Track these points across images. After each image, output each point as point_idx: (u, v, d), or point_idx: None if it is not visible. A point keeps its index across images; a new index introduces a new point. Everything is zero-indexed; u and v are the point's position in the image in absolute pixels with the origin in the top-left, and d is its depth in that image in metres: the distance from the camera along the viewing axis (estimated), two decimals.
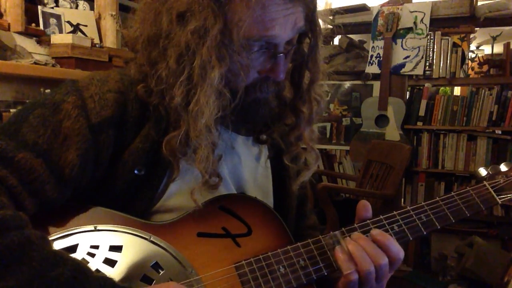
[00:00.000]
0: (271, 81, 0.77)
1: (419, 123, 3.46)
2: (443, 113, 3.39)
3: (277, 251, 0.74)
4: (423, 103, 3.43)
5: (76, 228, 0.69)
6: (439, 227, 0.80)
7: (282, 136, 0.88)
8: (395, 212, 0.81)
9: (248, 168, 0.88)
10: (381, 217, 0.80)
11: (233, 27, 0.68)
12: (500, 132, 3.40)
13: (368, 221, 0.79)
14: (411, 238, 0.79)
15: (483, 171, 0.90)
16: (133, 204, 0.75)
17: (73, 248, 0.67)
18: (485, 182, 0.87)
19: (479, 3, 3.45)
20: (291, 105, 0.84)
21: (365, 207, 0.79)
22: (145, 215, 0.76)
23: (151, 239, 0.71)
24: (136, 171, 0.74)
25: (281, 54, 0.73)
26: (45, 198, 0.66)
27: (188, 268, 0.71)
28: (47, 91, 1.97)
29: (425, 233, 0.80)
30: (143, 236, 0.71)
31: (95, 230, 0.70)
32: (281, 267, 0.72)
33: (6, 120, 0.71)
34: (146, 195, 0.76)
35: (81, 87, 0.73)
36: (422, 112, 3.44)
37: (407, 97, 3.56)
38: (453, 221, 0.82)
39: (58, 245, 0.66)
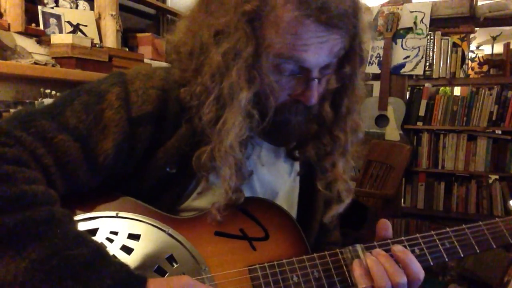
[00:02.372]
0: (302, 104, 0.76)
1: (419, 123, 3.46)
2: (443, 113, 3.39)
3: (292, 259, 0.73)
4: (423, 103, 3.43)
5: (99, 213, 0.71)
6: (462, 256, 0.77)
7: (318, 157, 0.86)
8: (418, 235, 0.78)
9: (278, 181, 0.88)
10: (403, 238, 0.77)
11: (264, 50, 0.69)
12: (500, 132, 3.40)
13: (388, 240, 0.77)
14: (431, 263, 0.76)
15: None
16: (160, 200, 0.76)
17: (93, 232, 0.69)
18: None
19: (479, 3, 3.45)
20: (329, 129, 0.82)
21: (385, 227, 0.78)
22: (171, 212, 0.77)
23: (169, 232, 0.72)
24: (168, 169, 0.75)
25: (315, 80, 0.72)
26: (75, 181, 0.68)
27: (202, 265, 0.71)
28: (47, 91, 1.97)
29: (447, 260, 0.77)
30: (161, 228, 0.72)
31: (117, 216, 0.71)
32: (294, 275, 0.72)
33: (52, 101, 0.73)
34: (173, 193, 0.78)
35: (127, 80, 0.75)
36: (422, 112, 3.44)
37: (407, 97, 3.56)
38: (478, 251, 0.78)
39: (79, 227, 0.67)
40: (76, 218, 0.68)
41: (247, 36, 0.68)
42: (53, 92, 1.99)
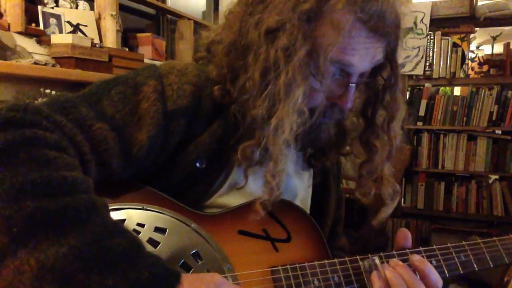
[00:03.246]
0: (337, 108, 0.78)
1: (419, 123, 3.46)
2: (443, 113, 3.39)
3: (314, 263, 0.74)
4: (423, 103, 3.43)
5: (126, 204, 0.70)
6: (476, 269, 0.79)
7: (335, 160, 0.89)
8: (435, 247, 0.80)
9: (297, 184, 0.90)
10: (421, 249, 0.79)
11: (320, 50, 0.71)
12: (500, 132, 3.40)
13: (407, 250, 0.78)
14: (447, 275, 0.78)
15: None
16: (186, 195, 0.77)
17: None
18: None
19: (479, 3, 3.45)
20: (363, 139, 0.84)
21: (405, 236, 0.79)
22: (196, 208, 0.77)
23: (194, 227, 0.72)
24: (197, 164, 0.76)
25: (353, 84, 0.75)
26: (109, 170, 0.68)
27: (226, 263, 0.71)
28: (47, 91, 1.97)
29: (462, 272, 0.79)
30: (186, 223, 0.72)
31: (143, 209, 0.71)
32: (315, 279, 0.72)
33: (88, 89, 0.73)
34: (200, 189, 0.78)
35: (162, 74, 0.76)
36: (422, 112, 3.44)
37: (407, 97, 3.56)
38: (491, 266, 0.81)
39: None
40: None
41: (304, 35, 0.69)
42: (53, 92, 1.99)
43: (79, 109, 0.66)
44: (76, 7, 2.41)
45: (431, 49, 3.41)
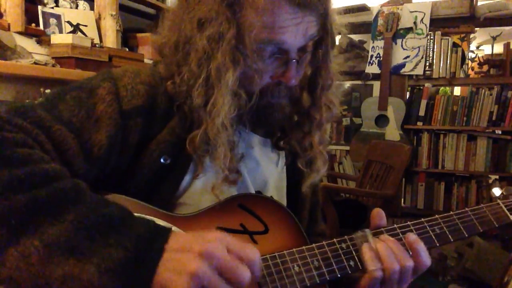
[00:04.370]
0: (283, 86, 0.80)
1: (419, 123, 3.47)
2: (443, 113, 3.40)
3: (292, 250, 0.75)
4: (423, 103, 3.44)
5: None
6: (452, 241, 0.82)
7: (298, 142, 0.91)
8: (409, 222, 0.82)
9: (267, 170, 0.92)
10: (395, 226, 0.81)
11: (245, 32, 0.74)
12: (500, 132, 3.40)
13: (382, 228, 0.80)
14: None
15: (497, 191, 0.94)
16: (157, 194, 0.78)
17: None
18: (499, 201, 0.91)
19: (479, 3, 3.46)
20: (307, 112, 0.87)
21: (379, 215, 0.81)
22: (169, 206, 0.79)
23: (172, 229, 0.72)
24: (162, 160, 0.78)
25: (293, 60, 0.77)
26: (72, 171, 0.69)
27: None
28: (47, 91, 1.97)
29: (438, 245, 0.82)
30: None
31: None
32: (295, 265, 0.73)
33: (43, 97, 0.76)
34: (170, 185, 0.80)
35: (116, 77, 0.78)
36: (422, 112, 3.45)
37: (407, 97, 3.57)
38: (466, 236, 0.84)
39: None
40: None
41: (228, 20, 0.73)
42: None
43: (37, 112, 0.68)
44: (76, 7, 2.41)
45: (431, 49, 3.41)
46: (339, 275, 0.75)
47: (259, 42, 0.74)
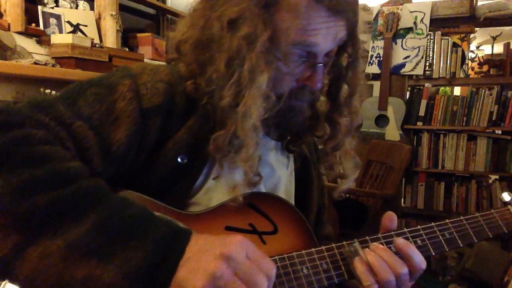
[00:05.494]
0: (308, 90, 0.81)
1: (419, 123, 3.46)
2: (443, 113, 3.39)
3: (301, 252, 0.74)
4: (423, 103, 3.43)
5: None
6: (461, 246, 0.82)
7: (313, 147, 0.92)
8: (419, 227, 0.82)
9: (278, 172, 0.92)
10: (405, 230, 0.81)
11: (281, 34, 0.73)
12: (500, 132, 3.40)
13: (392, 232, 0.79)
14: (433, 254, 0.80)
15: (507, 196, 0.92)
16: (171, 193, 0.78)
17: None
18: (509, 206, 0.90)
19: (479, 3, 3.45)
20: (328, 117, 0.88)
21: (391, 219, 0.81)
22: (181, 206, 0.78)
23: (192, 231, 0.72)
24: (179, 159, 0.77)
25: (320, 64, 0.77)
26: (90, 169, 0.69)
27: None
28: (47, 91, 1.97)
29: (447, 250, 0.81)
30: None
31: None
32: (304, 268, 0.73)
33: (63, 91, 0.74)
34: (185, 185, 0.79)
35: (135, 74, 0.77)
36: (422, 112, 3.44)
37: (407, 97, 3.56)
38: (476, 241, 0.83)
39: None
40: None
41: (264, 21, 0.72)
42: (53, 92, 1.99)
43: (58, 108, 0.67)
44: (76, 7, 2.41)
45: (431, 49, 3.41)
46: (347, 278, 0.74)
47: (292, 45, 0.74)
